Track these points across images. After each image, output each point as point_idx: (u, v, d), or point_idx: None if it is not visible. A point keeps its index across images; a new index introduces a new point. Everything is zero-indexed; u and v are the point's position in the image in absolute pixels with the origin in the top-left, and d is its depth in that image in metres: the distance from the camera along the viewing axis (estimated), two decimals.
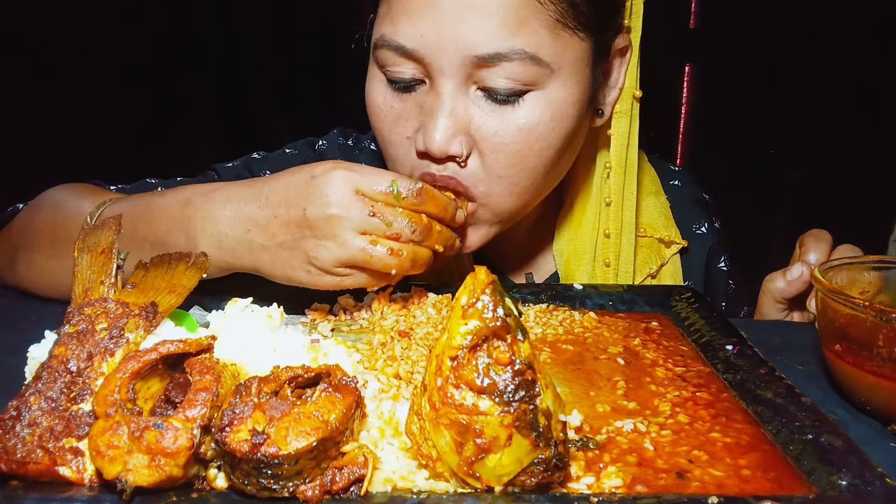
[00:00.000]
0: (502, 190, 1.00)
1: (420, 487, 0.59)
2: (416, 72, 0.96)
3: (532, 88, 0.95)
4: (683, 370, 0.83)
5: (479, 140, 0.96)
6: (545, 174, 1.02)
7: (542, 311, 0.99)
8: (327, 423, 0.57)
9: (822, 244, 1.06)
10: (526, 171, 0.99)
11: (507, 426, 0.56)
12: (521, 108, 0.95)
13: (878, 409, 0.78)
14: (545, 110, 0.96)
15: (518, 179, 0.99)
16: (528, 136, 0.96)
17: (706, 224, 1.32)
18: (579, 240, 1.20)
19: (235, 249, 0.88)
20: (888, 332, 0.75)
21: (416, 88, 0.98)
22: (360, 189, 0.84)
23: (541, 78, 0.94)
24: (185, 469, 0.56)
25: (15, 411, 0.61)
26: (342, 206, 0.83)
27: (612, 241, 1.18)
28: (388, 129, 1.02)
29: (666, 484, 0.61)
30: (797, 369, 0.90)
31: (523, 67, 0.92)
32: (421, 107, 0.98)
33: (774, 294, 1.07)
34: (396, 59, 0.96)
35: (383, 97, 1.01)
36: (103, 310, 0.69)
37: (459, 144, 0.95)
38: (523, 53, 0.92)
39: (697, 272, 1.29)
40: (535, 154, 0.98)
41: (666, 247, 1.25)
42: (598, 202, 1.19)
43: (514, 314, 0.58)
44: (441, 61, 0.93)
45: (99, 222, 0.82)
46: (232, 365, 0.66)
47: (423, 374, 0.60)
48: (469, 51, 0.91)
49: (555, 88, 0.96)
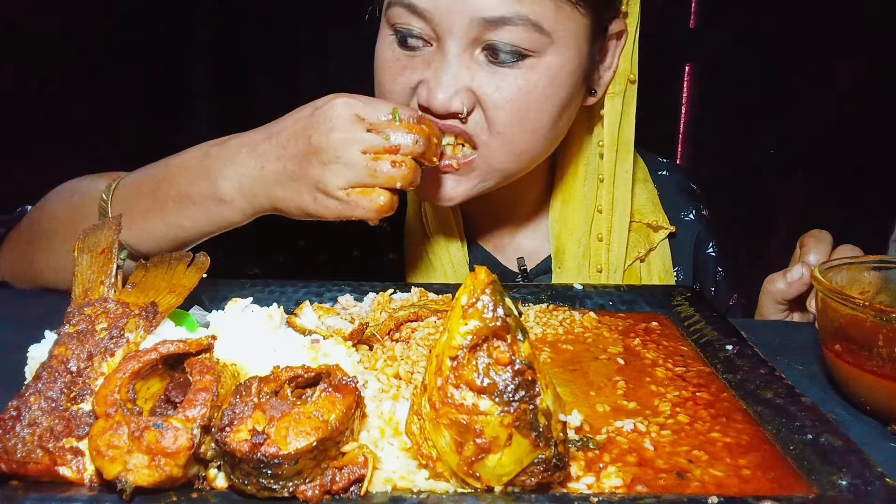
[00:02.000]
0: (500, 145, 1.04)
1: (420, 487, 0.59)
2: (425, 31, 1.01)
3: (532, 55, 1.00)
4: (683, 370, 0.83)
5: (481, 97, 1.01)
6: (541, 137, 1.06)
7: (542, 311, 0.99)
8: (327, 423, 0.57)
9: (822, 244, 1.06)
10: (524, 129, 1.03)
11: (507, 426, 0.56)
12: (520, 70, 1.00)
13: (878, 409, 0.78)
14: (543, 75, 1.01)
15: (515, 137, 1.04)
16: (527, 95, 1.01)
17: (693, 211, 1.35)
18: (571, 215, 1.24)
19: (253, 188, 0.93)
20: (888, 332, 0.75)
21: (423, 48, 1.02)
22: (360, 115, 0.89)
23: (541, 45, 0.99)
24: (185, 469, 0.56)
25: (15, 411, 0.61)
26: (344, 129, 0.88)
27: (605, 217, 1.23)
28: (392, 78, 1.05)
29: (666, 484, 0.61)
30: (797, 369, 0.90)
31: (526, 33, 0.98)
32: (427, 64, 1.02)
33: (775, 295, 1.08)
34: (408, 18, 1.00)
35: (391, 52, 1.05)
36: (103, 310, 0.69)
37: (461, 102, 1.00)
38: (527, 20, 0.97)
39: (686, 257, 1.32)
40: (533, 114, 1.03)
41: (654, 231, 1.28)
42: (592, 179, 1.22)
43: (514, 314, 0.58)
44: (450, 21, 0.98)
45: (100, 222, 0.82)
46: (232, 365, 0.66)
47: (423, 374, 0.60)
48: (477, 13, 0.96)
49: (553, 56, 1.01)
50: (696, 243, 1.33)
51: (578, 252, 1.22)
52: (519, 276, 1.25)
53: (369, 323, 0.88)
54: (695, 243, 1.33)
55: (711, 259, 1.35)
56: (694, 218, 1.34)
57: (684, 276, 1.31)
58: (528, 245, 1.28)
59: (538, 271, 1.26)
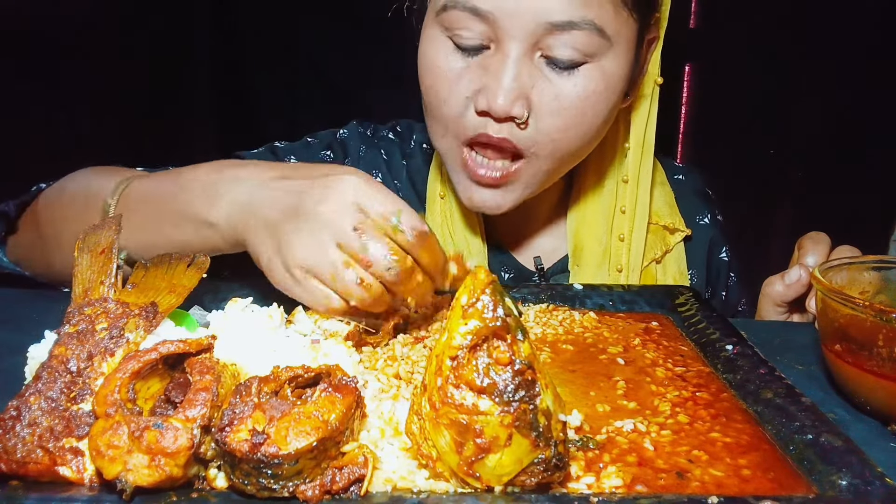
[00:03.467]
0: (550, 151, 1.04)
1: (420, 487, 0.59)
2: (484, 35, 0.99)
3: (589, 60, 1.00)
4: (683, 370, 0.83)
5: (540, 104, 1.00)
6: (588, 142, 1.08)
7: (542, 311, 0.99)
8: (327, 423, 0.57)
9: (820, 246, 1.06)
10: (577, 136, 1.04)
11: (507, 426, 0.56)
12: (579, 77, 1.00)
13: (878, 409, 0.78)
14: (600, 80, 1.01)
15: (567, 144, 1.05)
16: (584, 102, 1.01)
17: (709, 215, 1.36)
18: (592, 215, 1.24)
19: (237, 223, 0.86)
20: (888, 332, 0.75)
21: (480, 52, 1.01)
22: (362, 205, 0.79)
23: (600, 50, 0.99)
24: (185, 469, 0.56)
25: (15, 411, 0.61)
26: (334, 210, 0.78)
27: (628, 217, 1.23)
28: (448, 87, 1.03)
29: (666, 484, 0.61)
30: (797, 369, 0.90)
31: (589, 38, 0.98)
32: (485, 69, 1.00)
33: (774, 298, 1.08)
34: (467, 22, 0.99)
35: (445, 57, 1.03)
36: (103, 310, 0.69)
37: (521, 107, 0.99)
38: (592, 24, 0.97)
39: (700, 261, 1.32)
40: (588, 120, 1.03)
41: (670, 234, 1.28)
42: (615, 179, 1.23)
43: (514, 314, 0.58)
44: (514, 25, 0.96)
45: (100, 222, 0.82)
46: (232, 365, 0.66)
47: (423, 374, 0.60)
48: (544, 16, 0.96)
49: (609, 62, 1.01)
50: (710, 247, 1.34)
51: (598, 251, 1.23)
52: (535, 275, 1.25)
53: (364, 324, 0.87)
54: (708, 247, 1.34)
55: (724, 264, 1.35)
56: (709, 222, 1.35)
57: (698, 280, 1.31)
58: (546, 244, 1.29)
59: (555, 270, 1.27)
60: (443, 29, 1.02)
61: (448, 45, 1.02)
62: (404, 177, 1.31)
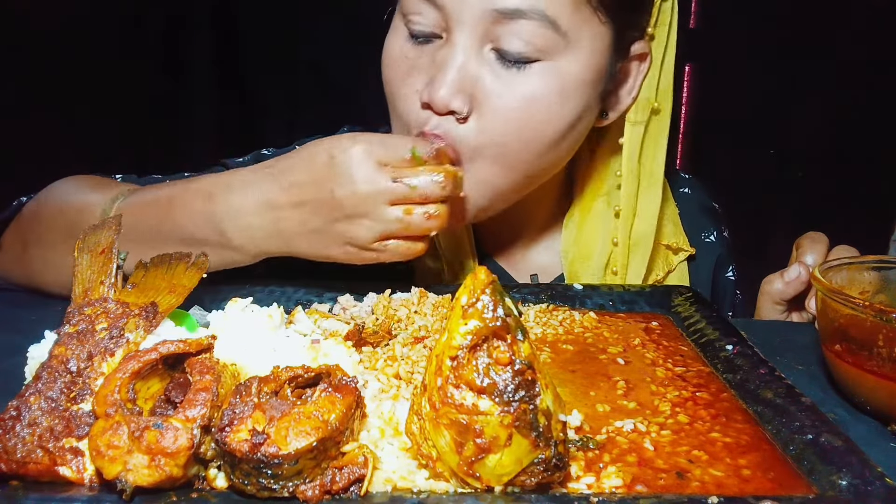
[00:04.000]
0: (493, 158, 0.98)
1: (420, 487, 0.59)
2: (436, 23, 0.98)
3: (544, 58, 0.95)
4: (683, 370, 0.83)
5: (483, 100, 0.96)
6: (539, 154, 1.00)
7: (542, 311, 0.99)
8: (327, 423, 0.57)
9: (818, 245, 1.06)
10: (521, 142, 0.98)
11: (507, 426, 0.56)
12: (529, 76, 0.96)
13: (878, 409, 0.78)
14: (553, 82, 0.96)
15: (511, 150, 0.98)
16: (530, 104, 0.96)
17: (715, 232, 1.32)
18: (585, 242, 1.19)
19: (269, 239, 0.91)
20: (888, 332, 0.75)
21: (433, 41, 0.99)
22: (382, 160, 0.86)
23: (555, 47, 0.95)
24: (185, 469, 0.56)
25: (15, 411, 0.61)
26: (370, 182, 0.85)
27: (620, 251, 1.17)
28: (399, 81, 1.02)
29: (666, 484, 0.61)
30: (797, 369, 0.90)
31: (540, 30, 0.94)
32: (433, 60, 0.98)
33: (773, 296, 1.08)
34: (419, 6, 0.98)
35: (400, 48, 1.02)
36: (103, 310, 0.69)
37: (462, 101, 0.95)
38: (542, 15, 0.93)
39: (704, 280, 1.29)
40: (534, 126, 0.98)
41: (674, 254, 1.25)
42: (607, 209, 1.18)
43: (514, 314, 0.58)
44: (462, 11, 0.94)
45: (99, 222, 0.82)
46: (232, 365, 0.66)
47: (423, 374, 0.60)
48: (491, 3, 0.93)
49: (566, 62, 0.96)
50: (716, 266, 1.30)
51: (595, 276, 1.19)
52: None
53: (365, 323, 0.87)
54: (714, 267, 1.30)
55: (730, 283, 1.32)
56: (715, 240, 1.31)
57: None
58: (541, 260, 1.25)
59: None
60: (401, 17, 1.01)
61: (404, 33, 1.01)
62: None
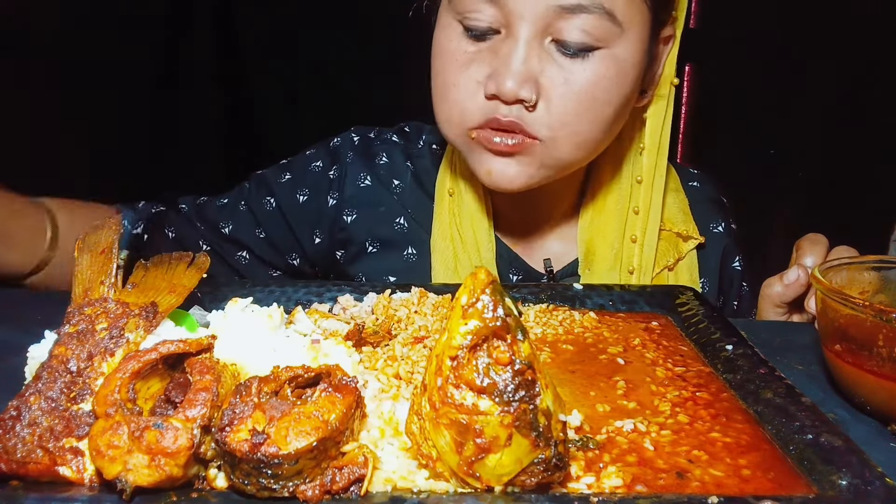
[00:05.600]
0: (565, 136, 1.04)
1: (420, 487, 0.59)
2: (494, 19, 1.00)
3: (601, 46, 1.00)
4: (683, 370, 0.83)
5: (549, 88, 1.01)
6: (602, 130, 1.06)
7: (542, 311, 0.98)
8: (327, 423, 0.57)
9: (817, 247, 1.06)
10: (588, 121, 1.04)
11: (507, 426, 0.56)
12: (589, 62, 1.01)
13: (878, 409, 0.78)
14: (611, 66, 1.01)
15: (580, 128, 1.04)
16: (594, 87, 1.01)
17: (723, 224, 1.35)
18: (605, 217, 1.24)
19: None
20: (888, 332, 0.75)
21: (491, 37, 1.02)
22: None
23: (611, 36, 1.00)
24: (185, 469, 0.56)
25: (15, 411, 0.61)
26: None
27: (641, 217, 1.22)
28: (457, 71, 1.04)
29: (666, 484, 0.61)
30: (797, 369, 0.90)
31: (599, 21, 0.98)
32: (495, 53, 1.01)
33: (773, 299, 1.08)
34: (478, 5, 1.00)
35: (456, 42, 1.04)
36: (103, 310, 0.69)
37: (529, 90, 0.99)
38: (601, 8, 0.97)
39: (713, 269, 1.32)
40: (599, 106, 1.03)
41: (683, 241, 1.28)
42: (629, 181, 1.23)
43: (514, 314, 0.58)
44: (524, 8, 0.97)
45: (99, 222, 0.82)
46: (232, 365, 0.66)
47: (423, 374, 0.60)
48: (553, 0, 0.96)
49: (621, 48, 1.02)
50: (723, 256, 1.33)
51: (610, 254, 1.22)
52: (545, 278, 1.25)
53: (365, 323, 0.87)
54: (722, 256, 1.32)
55: (737, 273, 1.34)
56: (723, 230, 1.34)
57: (710, 288, 1.30)
58: (556, 248, 1.28)
59: (564, 273, 1.26)
60: (455, 14, 1.03)
61: (459, 29, 1.04)
62: (408, 177, 1.31)
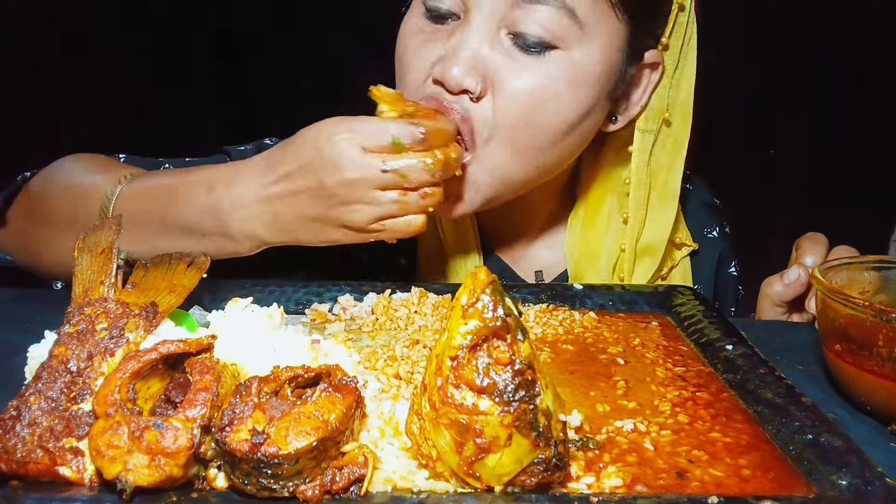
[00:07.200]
0: (503, 141, 0.99)
1: (420, 487, 0.59)
2: (454, 2, 0.98)
3: (559, 46, 0.96)
4: (683, 370, 0.83)
5: (496, 83, 0.96)
6: (549, 143, 1.01)
7: (542, 311, 0.98)
8: (327, 422, 0.57)
9: (818, 246, 1.06)
10: (531, 127, 0.98)
11: (507, 426, 0.56)
12: (543, 62, 0.96)
13: (878, 409, 0.78)
14: (566, 70, 0.97)
15: (521, 135, 0.98)
16: (542, 91, 0.96)
17: (717, 229, 1.32)
18: (591, 244, 1.20)
19: (268, 230, 0.92)
20: (888, 332, 0.75)
21: (449, 21, 1.00)
22: (367, 147, 0.86)
23: (570, 35, 0.95)
24: (185, 469, 0.56)
25: (15, 411, 0.61)
26: (357, 169, 0.86)
27: (627, 257, 1.17)
28: (412, 52, 1.02)
29: (666, 484, 0.61)
30: (797, 369, 0.90)
31: (557, 16, 0.94)
32: (450, 38, 0.99)
33: (773, 298, 1.08)
34: None
35: (416, 24, 1.03)
36: (103, 310, 0.69)
37: (474, 80, 0.96)
38: (562, 2, 0.94)
39: (707, 276, 1.29)
40: (544, 112, 0.98)
41: (677, 249, 1.25)
42: (616, 214, 1.18)
43: (514, 314, 0.58)
44: None
45: (99, 222, 0.82)
46: (232, 365, 0.65)
47: (423, 374, 0.60)
48: None
49: (580, 53, 0.97)
50: (719, 262, 1.30)
51: (600, 266, 1.18)
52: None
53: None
54: (717, 262, 1.30)
55: (733, 278, 1.32)
56: (717, 235, 1.31)
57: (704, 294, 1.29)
58: (545, 257, 1.25)
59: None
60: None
61: (422, 9, 1.02)
62: None
